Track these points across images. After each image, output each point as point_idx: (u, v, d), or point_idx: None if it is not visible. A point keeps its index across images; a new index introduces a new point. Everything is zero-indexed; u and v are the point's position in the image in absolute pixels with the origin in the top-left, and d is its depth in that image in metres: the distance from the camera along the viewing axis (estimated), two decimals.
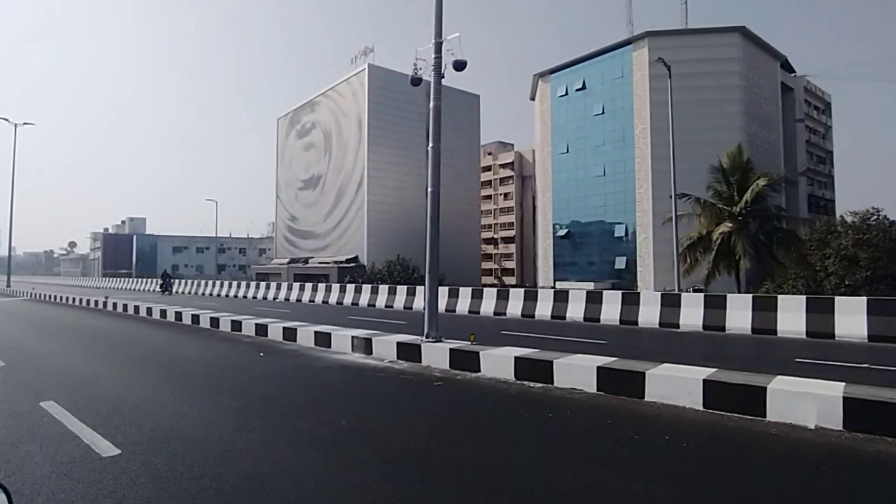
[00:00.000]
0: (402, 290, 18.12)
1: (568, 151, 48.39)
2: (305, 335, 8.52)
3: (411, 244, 61.42)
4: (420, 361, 6.67)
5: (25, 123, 31.93)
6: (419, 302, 17.09)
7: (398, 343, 6.97)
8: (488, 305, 15.43)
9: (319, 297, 21.04)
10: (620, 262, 43.97)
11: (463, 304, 15.95)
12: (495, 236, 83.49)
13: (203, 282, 29.41)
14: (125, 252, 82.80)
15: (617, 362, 5.37)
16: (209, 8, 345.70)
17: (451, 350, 6.38)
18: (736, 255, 25.46)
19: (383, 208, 61.01)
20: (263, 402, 5.18)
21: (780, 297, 11.04)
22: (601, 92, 46.10)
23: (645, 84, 42.49)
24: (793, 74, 51.37)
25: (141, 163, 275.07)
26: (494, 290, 16.41)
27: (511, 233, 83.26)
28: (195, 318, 11.70)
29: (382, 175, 61.45)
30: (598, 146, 45.96)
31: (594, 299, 13.50)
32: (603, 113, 45.77)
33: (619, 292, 13.38)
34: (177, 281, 31.33)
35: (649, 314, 12.39)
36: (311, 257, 69.19)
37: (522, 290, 15.60)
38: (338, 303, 19.94)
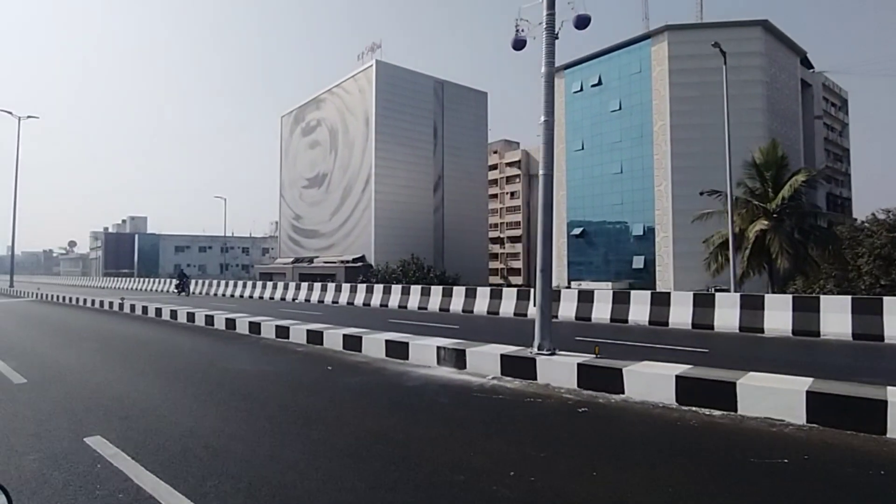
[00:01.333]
0: (436, 290, 16.94)
1: (583, 148, 47.27)
2: (374, 344, 7.31)
3: (419, 243, 60.29)
4: (535, 379, 5.49)
5: (29, 117, 30.58)
6: (456, 304, 15.96)
7: (503, 356, 5.78)
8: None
9: (343, 298, 19.84)
10: (638, 262, 42.87)
11: (507, 307, 14.83)
12: (501, 236, 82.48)
13: (214, 282, 28.14)
14: (127, 251, 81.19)
15: (824, 384, 4.20)
16: (211, 5, 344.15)
17: (579, 366, 5.20)
18: (772, 254, 24.45)
19: (391, 207, 59.76)
20: (377, 438, 3.99)
21: (885, 299, 9.92)
22: (618, 87, 44.99)
23: (664, 79, 41.40)
24: (811, 70, 50.38)
25: (140, 161, 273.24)
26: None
27: (518, 232, 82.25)
28: (230, 323, 10.45)
29: (390, 173, 60.23)
30: (614, 143, 44.86)
31: (660, 301, 12.36)
32: (620, 109, 44.67)
33: (690, 294, 12.26)
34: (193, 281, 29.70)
35: (727, 318, 11.28)
36: (317, 257, 67.95)
37: (576, 291, 14.55)
38: (364, 304, 18.75)
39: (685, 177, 40.11)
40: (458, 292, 16.25)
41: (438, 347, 6.40)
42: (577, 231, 47.29)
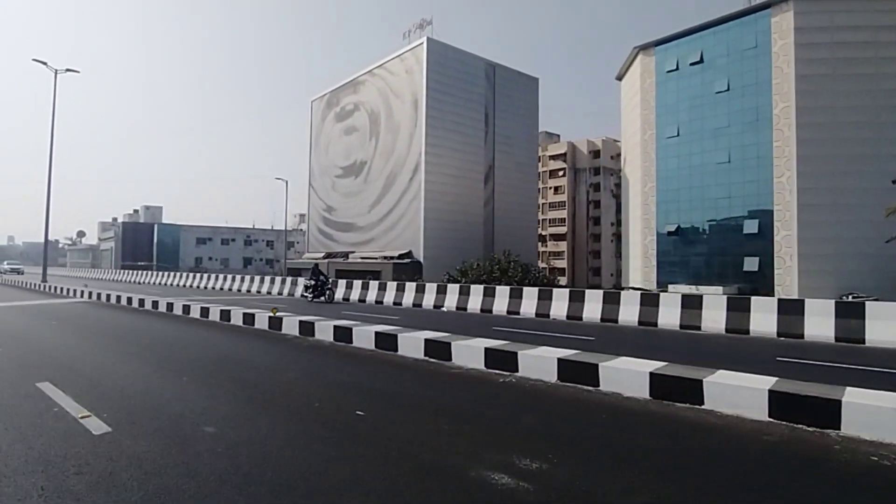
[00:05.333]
0: (631, 296, 11.50)
1: (678, 135, 41.80)
2: None
3: (469, 238, 54.72)
4: None
5: (68, 70, 24.58)
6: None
7: None
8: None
9: (473, 303, 14.49)
10: (751, 264, 37.41)
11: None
12: (544, 233, 76.96)
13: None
14: (145, 242, 74.79)
15: None
16: None
17: None
18: None
19: (441, 198, 54.06)
20: None
21: None
22: (726, 65, 39.48)
23: (789, 55, 35.90)
24: None
25: (148, 152, 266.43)
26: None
27: (562, 230, 76.96)
28: (591, 371, 4.60)
29: (440, 161, 54.58)
30: (720, 129, 39.39)
31: None
32: (728, 90, 39.18)
33: None
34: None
35: None
36: (352, 252, 62.19)
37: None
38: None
39: (814, 167, 34.77)
40: (670, 301, 10.89)
41: None
42: (670, 228, 41.84)
